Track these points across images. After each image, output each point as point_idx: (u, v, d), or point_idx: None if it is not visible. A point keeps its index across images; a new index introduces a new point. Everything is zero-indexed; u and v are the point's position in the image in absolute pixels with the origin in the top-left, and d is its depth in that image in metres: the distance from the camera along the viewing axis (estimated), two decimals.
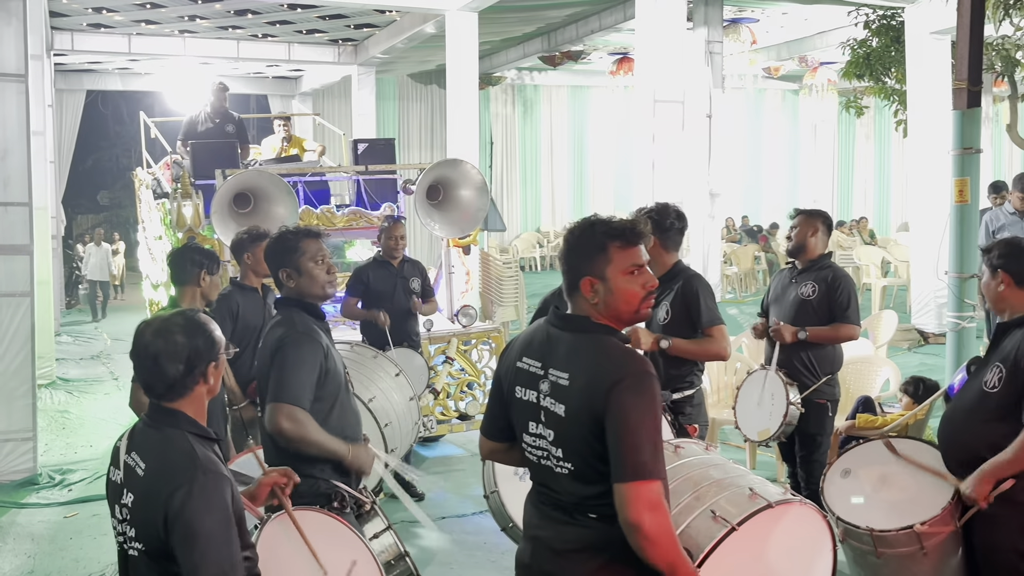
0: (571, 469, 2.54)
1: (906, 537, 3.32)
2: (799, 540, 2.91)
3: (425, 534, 5.95)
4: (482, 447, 2.94)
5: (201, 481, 2.38)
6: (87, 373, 11.48)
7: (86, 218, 23.99)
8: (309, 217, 7.97)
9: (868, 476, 3.63)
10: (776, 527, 2.84)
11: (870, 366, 6.91)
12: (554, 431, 2.57)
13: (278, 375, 3.31)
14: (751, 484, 2.91)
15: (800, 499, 2.96)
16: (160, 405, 2.54)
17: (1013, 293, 3.42)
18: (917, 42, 11.51)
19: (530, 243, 22.29)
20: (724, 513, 2.77)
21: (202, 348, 2.53)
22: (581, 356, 2.54)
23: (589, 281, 2.58)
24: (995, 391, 3.30)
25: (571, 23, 15.32)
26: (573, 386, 2.52)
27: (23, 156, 7.23)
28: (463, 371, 7.73)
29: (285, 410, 3.25)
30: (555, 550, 2.60)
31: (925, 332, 11.62)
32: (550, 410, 2.57)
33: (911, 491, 3.49)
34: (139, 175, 11.02)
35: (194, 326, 2.56)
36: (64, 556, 5.79)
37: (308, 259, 3.52)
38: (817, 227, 5.19)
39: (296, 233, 3.60)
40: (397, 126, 20.87)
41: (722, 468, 3.05)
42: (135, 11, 13.53)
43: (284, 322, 3.47)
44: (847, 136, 25.04)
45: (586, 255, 2.59)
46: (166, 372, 2.50)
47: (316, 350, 3.37)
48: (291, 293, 3.55)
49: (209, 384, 2.56)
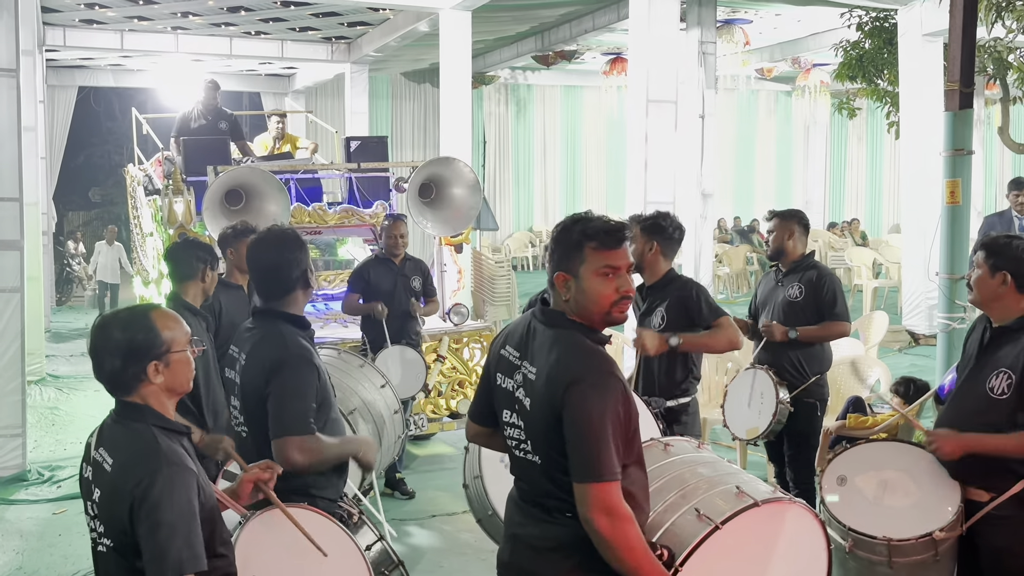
0: (539, 462, 2.56)
1: (923, 545, 3.28)
2: (791, 540, 2.84)
3: (415, 532, 5.95)
4: (468, 429, 3.00)
5: (165, 473, 2.35)
6: (77, 370, 11.43)
7: (77, 215, 23.90)
8: (301, 214, 7.97)
9: (867, 483, 3.55)
10: (765, 527, 2.78)
11: (861, 367, 6.93)
12: (524, 422, 2.60)
13: (280, 405, 3.17)
14: (739, 482, 2.84)
15: (790, 497, 2.90)
16: (124, 400, 2.51)
17: (1012, 296, 3.36)
18: (909, 44, 11.54)
19: (522, 242, 22.30)
20: (708, 511, 2.70)
21: (140, 344, 2.45)
22: (549, 352, 2.56)
23: (563, 277, 2.60)
24: (1004, 398, 3.26)
25: (564, 23, 15.31)
26: (538, 381, 2.54)
27: (14, 152, 7.21)
28: (455, 369, 7.73)
29: (295, 443, 3.13)
30: (534, 548, 2.61)
31: (916, 333, 11.65)
32: (521, 401, 2.60)
33: (915, 496, 3.44)
34: (131, 171, 10.99)
35: (136, 322, 2.49)
36: (53, 552, 5.77)
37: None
38: (793, 229, 5.20)
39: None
40: (390, 124, 20.85)
41: (712, 466, 2.98)
42: (127, 7, 13.49)
43: (274, 340, 3.28)
44: (839, 138, 25.10)
45: (563, 251, 2.61)
46: (104, 366, 2.47)
47: (314, 373, 3.27)
48: (286, 307, 3.40)
49: (156, 383, 2.48)
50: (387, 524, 3.82)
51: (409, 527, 6.02)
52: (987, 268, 3.40)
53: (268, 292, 3.41)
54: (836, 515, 3.46)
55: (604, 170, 23.50)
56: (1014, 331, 3.35)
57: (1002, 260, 3.37)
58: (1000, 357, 3.33)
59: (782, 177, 25.18)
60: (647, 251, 4.51)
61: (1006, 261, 3.36)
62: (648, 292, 4.58)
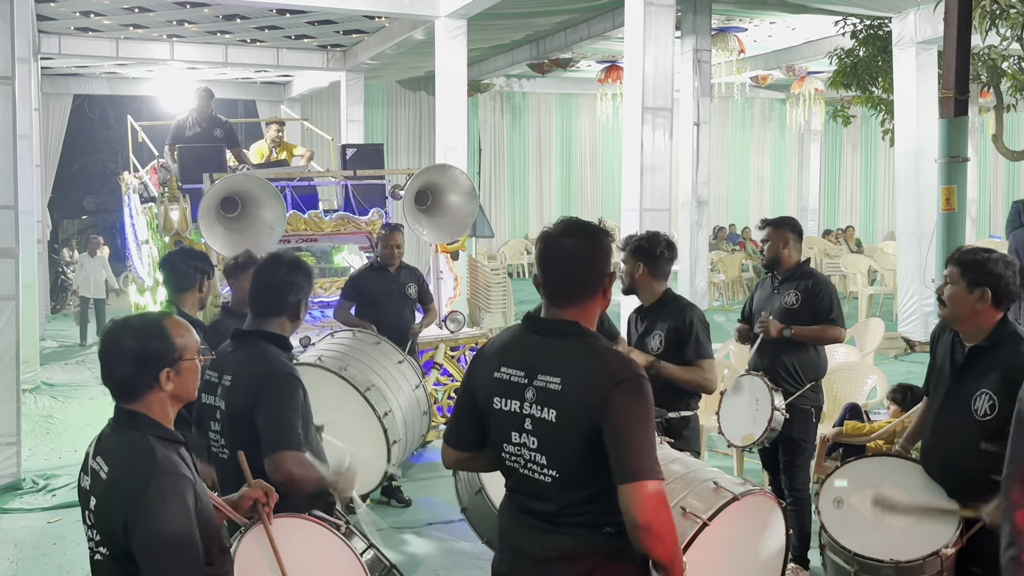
0: (555, 476, 2.52)
1: (930, 563, 3.29)
2: (758, 524, 3.08)
3: (411, 541, 5.93)
4: (447, 457, 2.85)
5: (159, 482, 2.35)
6: (71, 378, 11.42)
7: (72, 223, 23.85)
8: (297, 222, 7.97)
9: (864, 502, 3.54)
10: (739, 517, 2.94)
11: (857, 373, 6.93)
12: (539, 438, 2.54)
13: (272, 421, 3.17)
14: (713, 477, 3.03)
15: (760, 488, 3.11)
16: (122, 408, 2.51)
17: (988, 313, 3.35)
18: (904, 52, 11.59)
19: (518, 250, 22.30)
20: (694, 509, 2.84)
21: (153, 351, 2.46)
22: (574, 360, 2.53)
23: (601, 289, 2.62)
24: (988, 419, 3.27)
25: (560, 31, 15.34)
26: (567, 390, 2.49)
27: (9, 159, 7.20)
28: (451, 377, 7.72)
29: (290, 456, 3.13)
30: (537, 559, 2.57)
31: (911, 340, 11.67)
32: (537, 417, 2.53)
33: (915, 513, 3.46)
34: (126, 179, 10.98)
35: (150, 329, 2.50)
36: (47, 561, 5.75)
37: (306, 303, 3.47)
38: (787, 237, 5.20)
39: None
40: (385, 132, 20.86)
41: (681, 462, 3.14)
42: (123, 15, 13.48)
43: (259, 359, 3.29)
44: (834, 145, 25.16)
45: (607, 265, 2.64)
46: (114, 373, 2.47)
47: (301, 390, 3.28)
48: (270, 327, 3.41)
49: (167, 390, 2.48)
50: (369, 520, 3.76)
51: (406, 535, 6.00)
52: (964, 284, 3.36)
53: (259, 307, 3.42)
54: (839, 539, 3.45)
55: (599, 178, 23.54)
56: (989, 349, 3.36)
57: (981, 276, 3.34)
58: (980, 378, 3.34)
59: (777, 185, 25.23)
60: (635, 272, 4.49)
61: (985, 277, 3.34)
62: (646, 313, 4.56)
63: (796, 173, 25.09)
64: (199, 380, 2.59)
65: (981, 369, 3.35)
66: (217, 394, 3.34)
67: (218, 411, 3.34)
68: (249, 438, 3.18)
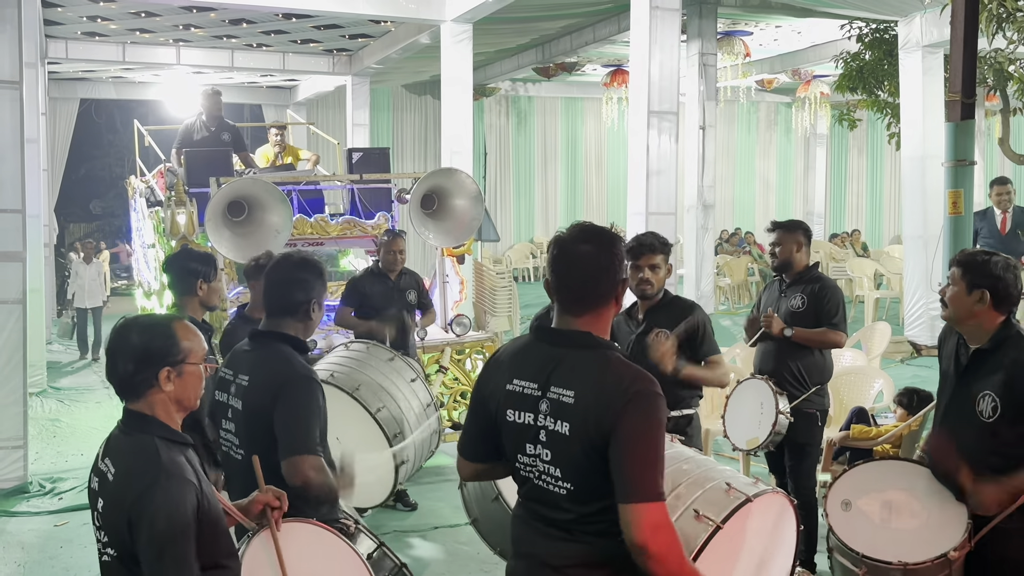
0: (570, 489, 2.48)
1: (938, 566, 3.27)
2: (770, 524, 3.03)
3: (417, 544, 5.93)
4: (463, 470, 2.82)
5: (163, 484, 2.35)
6: (78, 382, 11.44)
7: (78, 227, 23.93)
8: (303, 226, 7.98)
9: (871, 506, 3.52)
10: (752, 517, 2.90)
11: (863, 377, 6.92)
12: (552, 451, 2.50)
13: (292, 424, 3.14)
14: (725, 479, 2.97)
15: (772, 488, 3.05)
16: (130, 409, 2.51)
17: (988, 314, 3.35)
18: (910, 56, 11.57)
19: (524, 254, 22.31)
20: (707, 511, 2.79)
21: (155, 349, 2.46)
22: (588, 373, 2.48)
23: (614, 296, 2.58)
24: (991, 420, 3.27)
25: (565, 35, 15.37)
26: (580, 403, 2.44)
27: (17, 163, 7.21)
28: (457, 380, 7.73)
29: (309, 461, 3.10)
30: (553, 566, 2.53)
31: (918, 344, 11.63)
32: (551, 429, 2.49)
33: (923, 516, 3.42)
34: (133, 183, 11.01)
35: (157, 328, 2.51)
36: (54, 565, 5.76)
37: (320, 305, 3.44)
38: (800, 241, 5.20)
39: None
40: (391, 136, 20.90)
41: (694, 461, 3.08)
42: (129, 20, 13.53)
43: (279, 361, 3.25)
44: (840, 149, 25.15)
45: (621, 271, 2.58)
46: (117, 368, 2.48)
47: (320, 394, 3.25)
48: (286, 328, 3.38)
49: (166, 390, 2.48)
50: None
51: (412, 539, 6.00)
52: (964, 285, 3.36)
53: (272, 306, 3.39)
54: (847, 542, 3.44)
55: (605, 181, 23.56)
56: (992, 352, 3.35)
57: (980, 278, 3.34)
58: (984, 380, 3.33)
59: (783, 188, 25.23)
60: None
61: (985, 279, 3.33)
62: (647, 313, 4.55)
63: (802, 177, 25.08)
64: (202, 389, 2.58)
65: (984, 371, 3.35)
66: (231, 392, 3.32)
67: (231, 409, 3.32)
68: (266, 440, 3.14)
